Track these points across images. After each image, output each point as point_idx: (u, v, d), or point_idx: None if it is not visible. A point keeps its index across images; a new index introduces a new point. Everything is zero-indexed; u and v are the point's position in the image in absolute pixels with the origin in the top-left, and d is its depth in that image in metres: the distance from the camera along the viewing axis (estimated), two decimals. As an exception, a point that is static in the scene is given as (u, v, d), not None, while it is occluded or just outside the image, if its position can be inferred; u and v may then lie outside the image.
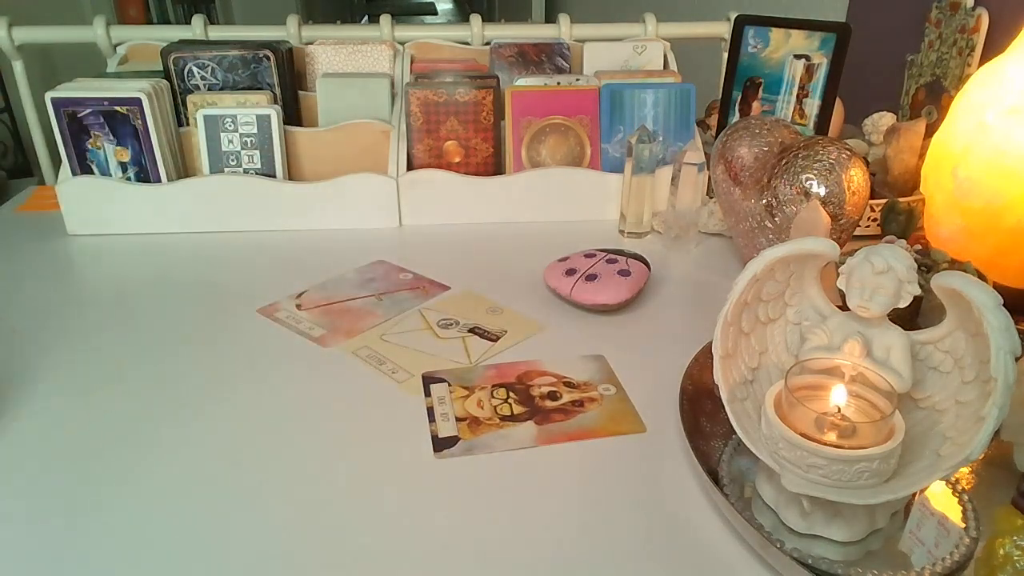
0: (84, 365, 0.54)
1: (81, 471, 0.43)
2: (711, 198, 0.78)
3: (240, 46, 0.80)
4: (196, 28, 0.91)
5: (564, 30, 0.93)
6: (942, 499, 0.39)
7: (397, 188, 0.78)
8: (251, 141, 0.77)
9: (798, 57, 0.78)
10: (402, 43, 0.92)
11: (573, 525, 0.40)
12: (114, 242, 0.75)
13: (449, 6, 6.99)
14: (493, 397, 0.50)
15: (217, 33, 0.93)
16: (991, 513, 0.36)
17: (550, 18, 1.30)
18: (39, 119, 0.98)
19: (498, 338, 0.58)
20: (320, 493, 0.42)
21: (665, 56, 0.90)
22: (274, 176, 0.78)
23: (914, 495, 0.39)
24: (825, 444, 0.34)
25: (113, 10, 2.85)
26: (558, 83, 0.82)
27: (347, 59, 0.88)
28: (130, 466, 0.44)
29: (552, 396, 0.51)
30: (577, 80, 0.83)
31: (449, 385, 0.52)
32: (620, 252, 0.65)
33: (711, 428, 0.45)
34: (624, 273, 0.62)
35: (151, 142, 0.75)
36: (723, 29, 0.98)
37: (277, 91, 0.81)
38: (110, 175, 0.76)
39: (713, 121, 0.93)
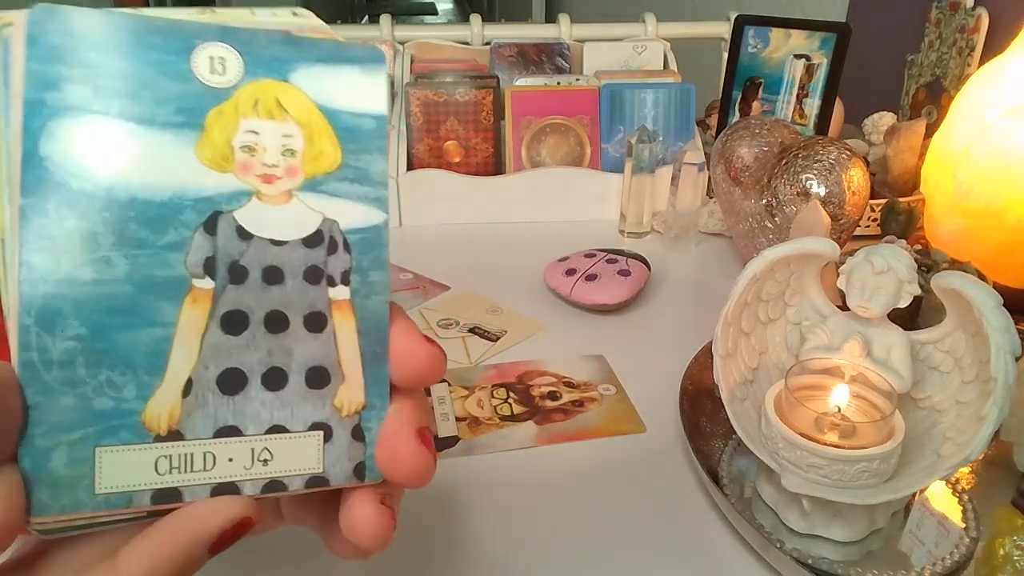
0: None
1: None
2: (711, 198, 0.78)
3: (240, 46, 0.80)
4: (196, 28, 0.91)
5: (564, 30, 0.93)
6: (942, 499, 0.39)
7: (397, 188, 0.78)
8: (251, 141, 0.77)
9: (798, 57, 0.78)
10: (402, 43, 0.91)
11: (572, 525, 0.40)
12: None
13: (449, 6, 7.00)
14: (493, 397, 0.50)
15: (217, 33, 0.93)
16: (991, 513, 0.36)
17: (550, 18, 1.30)
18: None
19: (498, 338, 0.58)
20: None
21: (665, 56, 0.90)
22: (274, 176, 0.78)
23: (914, 495, 0.39)
24: (825, 444, 0.34)
25: (113, 10, 2.85)
26: (558, 83, 0.82)
27: (347, 59, 0.88)
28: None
29: (552, 396, 0.51)
30: (577, 80, 0.83)
31: (449, 385, 0.52)
32: (620, 252, 0.65)
33: (711, 428, 0.45)
34: (624, 273, 0.62)
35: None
36: (723, 29, 0.98)
37: (277, 91, 0.81)
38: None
39: (713, 121, 0.93)
